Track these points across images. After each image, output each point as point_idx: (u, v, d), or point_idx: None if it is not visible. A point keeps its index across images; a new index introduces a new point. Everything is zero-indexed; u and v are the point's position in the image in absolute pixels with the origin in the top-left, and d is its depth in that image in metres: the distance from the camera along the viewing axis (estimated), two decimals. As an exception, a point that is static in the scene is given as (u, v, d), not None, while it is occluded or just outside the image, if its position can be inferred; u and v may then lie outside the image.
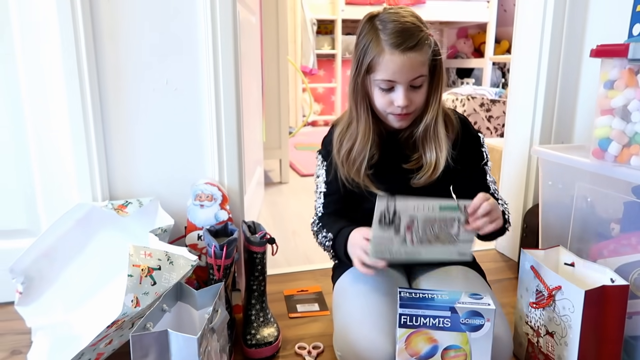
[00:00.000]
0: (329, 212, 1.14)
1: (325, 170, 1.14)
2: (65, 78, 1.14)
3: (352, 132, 1.05)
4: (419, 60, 0.95)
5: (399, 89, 0.97)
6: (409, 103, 0.98)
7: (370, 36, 0.96)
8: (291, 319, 1.25)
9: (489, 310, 0.87)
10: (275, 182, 2.73)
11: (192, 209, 1.21)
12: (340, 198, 1.13)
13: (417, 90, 0.99)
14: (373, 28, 0.97)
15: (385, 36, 0.94)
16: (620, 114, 0.94)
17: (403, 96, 0.96)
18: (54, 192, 1.25)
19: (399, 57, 0.93)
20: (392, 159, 1.08)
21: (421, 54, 0.95)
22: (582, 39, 1.45)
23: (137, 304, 0.84)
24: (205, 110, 1.23)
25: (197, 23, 1.19)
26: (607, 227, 1.10)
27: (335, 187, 1.11)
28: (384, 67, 0.95)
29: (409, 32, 0.94)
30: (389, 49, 0.94)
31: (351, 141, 1.05)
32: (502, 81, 4.83)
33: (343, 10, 4.28)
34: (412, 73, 0.96)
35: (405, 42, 0.93)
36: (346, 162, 1.06)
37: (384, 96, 0.99)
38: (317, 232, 1.14)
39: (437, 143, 1.03)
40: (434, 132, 1.03)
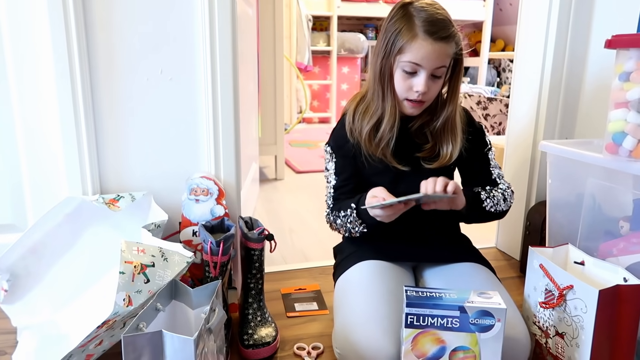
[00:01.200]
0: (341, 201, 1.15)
1: (335, 162, 1.14)
2: (55, 67, 1.09)
3: (374, 112, 1.08)
4: (446, 52, 1.00)
5: (422, 74, 1.00)
6: (427, 90, 1.01)
7: (405, 21, 1.00)
8: (289, 318, 1.21)
9: (500, 310, 0.84)
10: (270, 179, 2.68)
11: (187, 203, 1.16)
12: (350, 190, 1.13)
13: (436, 80, 1.03)
14: (407, 14, 1.01)
15: (420, 22, 0.99)
16: (636, 107, 0.90)
17: (424, 82, 1.00)
18: (42, 185, 1.20)
19: (431, 44, 0.98)
20: (405, 147, 1.10)
21: (450, 46, 1.01)
22: (588, 32, 1.42)
23: (129, 302, 0.79)
24: (201, 100, 1.18)
25: (194, 11, 1.14)
26: (616, 225, 1.07)
27: (347, 177, 1.13)
28: (415, 50, 0.99)
29: (442, 23, 0.99)
30: (423, 34, 0.98)
31: (373, 121, 1.07)
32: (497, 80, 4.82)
33: (339, 7, 4.24)
34: (438, 62, 1.00)
35: (439, 32, 0.98)
36: (370, 141, 1.08)
37: (405, 80, 1.02)
38: (334, 219, 1.12)
39: (454, 135, 1.09)
40: (452, 125, 1.09)
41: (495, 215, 1.12)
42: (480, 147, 1.14)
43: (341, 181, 1.13)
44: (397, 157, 1.09)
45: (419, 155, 1.09)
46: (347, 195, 1.12)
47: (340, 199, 1.13)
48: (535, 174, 1.52)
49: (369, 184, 1.07)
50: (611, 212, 1.09)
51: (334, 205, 1.13)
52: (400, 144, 1.09)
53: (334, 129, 1.17)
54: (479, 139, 1.15)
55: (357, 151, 1.10)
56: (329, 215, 1.14)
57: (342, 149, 1.12)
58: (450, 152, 1.08)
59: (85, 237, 1.09)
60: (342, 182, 1.13)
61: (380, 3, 4.28)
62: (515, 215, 1.59)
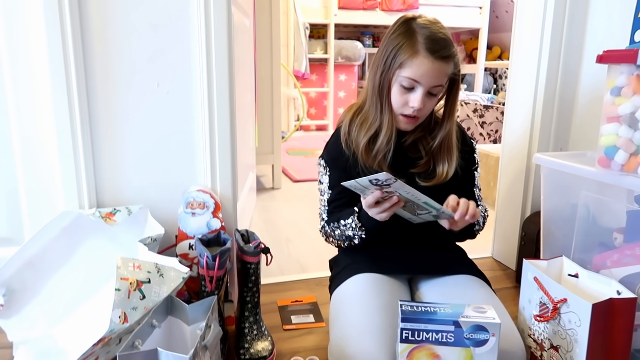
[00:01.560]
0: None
1: (329, 176, 1.14)
2: (51, 81, 1.10)
3: (371, 125, 1.09)
4: (445, 71, 1.02)
5: (419, 90, 1.02)
6: (422, 107, 1.03)
7: (407, 37, 1.01)
8: (285, 331, 1.21)
9: (494, 324, 0.84)
10: (267, 188, 2.69)
11: (183, 217, 1.16)
12: (345, 203, 1.12)
13: (432, 98, 1.04)
14: (410, 30, 1.02)
15: (423, 39, 1.00)
16: (628, 122, 0.91)
17: (420, 98, 1.02)
18: (39, 199, 1.20)
19: (431, 62, 0.99)
20: (400, 162, 1.10)
21: (449, 66, 1.02)
22: (581, 45, 1.43)
23: (124, 319, 0.79)
24: (197, 114, 1.19)
25: (190, 25, 1.15)
26: (610, 237, 1.08)
27: (341, 191, 1.11)
28: (415, 67, 1.00)
29: (444, 42, 1.01)
30: (424, 52, 0.99)
31: (372, 131, 1.08)
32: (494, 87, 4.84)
33: (336, 14, 4.26)
34: (436, 80, 1.01)
35: (440, 51, 0.99)
36: (367, 153, 1.09)
37: (402, 95, 1.03)
38: (332, 230, 1.11)
39: (450, 155, 1.10)
40: (449, 144, 1.10)
41: (472, 236, 1.15)
42: (469, 165, 1.16)
43: (335, 194, 1.13)
44: (393, 171, 1.09)
45: (413, 172, 1.09)
46: (341, 208, 1.12)
47: (335, 213, 1.13)
48: (531, 184, 1.53)
49: None
50: (605, 223, 1.10)
51: (329, 218, 1.13)
52: (395, 158, 1.09)
53: (327, 142, 1.17)
54: (470, 157, 1.16)
55: (353, 163, 1.10)
56: (325, 228, 1.14)
57: (337, 162, 1.12)
58: (447, 170, 1.09)
59: (81, 251, 1.09)
60: (336, 195, 1.13)
61: (377, 11, 4.31)
62: (510, 225, 1.60)
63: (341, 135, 1.12)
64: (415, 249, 1.12)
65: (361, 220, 1.05)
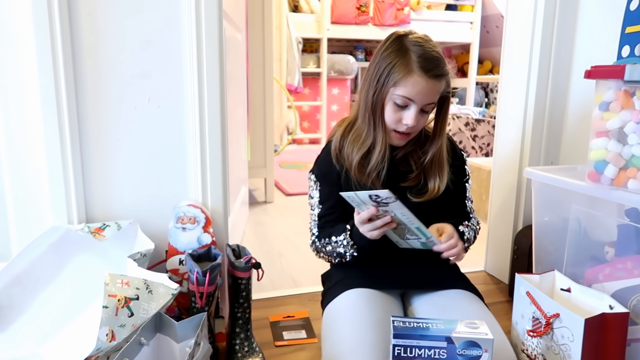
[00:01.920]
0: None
1: (319, 190, 1.14)
2: (41, 94, 1.09)
3: (365, 140, 1.08)
4: (438, 89, 1.03)
5: (412, 108, 1.02)
6: (415, 124, 1.03)
7: (400, 55, 1.01)
8: (277, 347, 1.20)
9: (487, 340, 0.83)
10: (260, 202, 2.68)
11: (173, 232, 1.15)
12: (337, 217, 1.13)
13: (424, 114, 1.05)
14: (403, 48, 1.01)
15: (416, 58, 1.00)
16: (617, 136, 0.92)
17: (414, 116, 1.02)
18: (27, 214, 1.18)
19: (426, 81, 0.99)
20: (391, 176, 1.10)
21: (441, 84, 1.03)
22: (570, 59, 1.45)
23: (112, 337, 0.78)
24: (188, 128, 1.19)
25: (181, 39, 1.15)
26: (601, 251, 1.08)
27: (331, 205, 1.13)
28: (410, 86, 1.00)
29: (437, 61, 1.01)
30: (419, 71, 0.99)
31: (364, 150, 1.08)
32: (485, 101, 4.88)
33: (328, 29, 4.30)
34: (430, 98, 1.02)
35: (434, 70, 1.00)
36: (360, 170, 1.08)
37: (396, 112, 1.03)
38: (323, 246, 1.11)
39: (441, 171, 1.10)
40: (439, 161, 1.10)
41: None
42: (460, 176, 1.16)
43: (326, 209, 1.13)
44: (383, 185, 1.09)
45: (404, 185, 1.09)
46: (332, 224, 1.12)
47: (326, 228, 1.12)
48: (522, 198, 1.53)
49: None
50: (596, 237, 1.10)
51: (320, 234, 1.13)
52: (386, 172, 1.09)
53: (318, 156, 1.17)
54: (460, 168, 1.16)
55: (345, 178, 1.10)
56: (315, 243, 1.13)
57: (327, 177, 1.12)
58: (438, 186, 1.09)
59: (70, 267, 1.07)
60: (326, 210, 1.13)
61: (370, 26, 4.35)
62: (503, 239, 1.60)
63: (332, 150, 1.12)
64: (408, 264, 1.12)
65: (353, 238, 1.05)
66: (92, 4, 1.09)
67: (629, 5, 0.98)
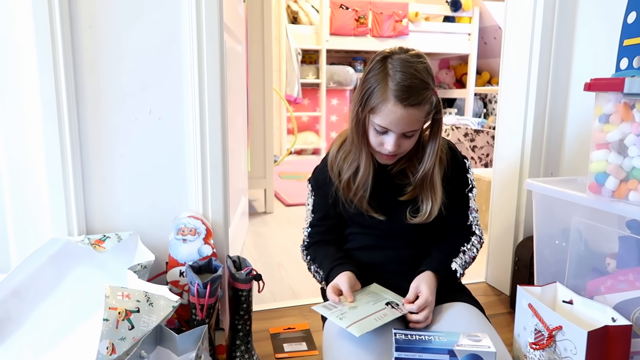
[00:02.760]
0: (315, 241, 1.18)
1: (313, 200, 1.17)
2: (42, 106, 1.09)
3: (352, 161, 1.08)
4: (417, 117, 0.98)
5: (391, 135, 1.00)
6: (396, 149, 1.01)
7: (379, 80, 0.98)
8: (278, 359, 1.19)
9: (489, 353, 0.83)
10: (259, 212, 2.67)
11: (174, 243, 1.15)
12: (325, 230, 1.16)
13: (408, 139, 1.02)
14: (384, 72, 0.99)
15: (393, 86, 0.96)
16: (617, 149, 0.92)
17: (393, 143, 1.00)
18: (27, 225, 1.18)
19: (400, 110, 0.96)
20: (387, 191, 1.10)
21: (421, 111, 0.98)
22: (569, 71, 1.46)
23: (112, 351, 0.77)
24: (189, 140, 1.19)
25: (182, 51, 1.16)
26: (602, 263, 1.08)
27: (322, 217, 1.15)
28: (384, 115, 0.98)
29: (415, 89, 0.96)
30: (394, 100, 0.96)
31: (352, 170, 1.08)
32: (484, 111, 4.90)
33: (327, 40, 4.32)
34: (408, 127, 0.99)
35: (410, 99, 0.95)
36: (347, 190, 1.09)
37: (377, 137, 1.02)
38: (307, 263, 1.18)
39: (433, 192, 1.07)
40: (431, 182, 1.07)
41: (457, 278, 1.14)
42: (461, 187, 1.13)
43: (316, 220, 1.16)
44: (376, 201, 1.09)
45: (401, 200, 1.09)
46: (321, 236, 1.16)
47: (314, 239, 1.17)
48: (523, 209, 1.53)
49: (350, 224, 1.14)
50: (598, 249, 1.10)
51: (308, 248, 1.18)
52: (381, 186, 1.09)
53: (317, 166, 1.18)
54: (461, 177, 1.13)
55: (339, 193, 1.11)
56: (304, 252, 1.19)
57: (322, 189, 1.14)
58: (430, 209, 1.07)
59: (69, 279, 1.07)
60: (317, 221, 1.16)
61: (368, 37, 4.37)
62: (504, 250, 1.60)
63: (328, 163, 1.13)
64: (408, 277, 1.11)
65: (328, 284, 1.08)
66: (93, 16, 1.10)
67: (627, 18, 0.99)
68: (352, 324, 0.93)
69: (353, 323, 0.93)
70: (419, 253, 1.10)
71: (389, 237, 1.12)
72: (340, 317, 0.95)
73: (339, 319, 0.95)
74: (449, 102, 5.03)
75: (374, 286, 1.08)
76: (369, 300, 1.02)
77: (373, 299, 1.03)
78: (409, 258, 1.10)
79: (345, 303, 1.00)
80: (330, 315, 0.96)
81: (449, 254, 1.10)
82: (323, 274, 1.11)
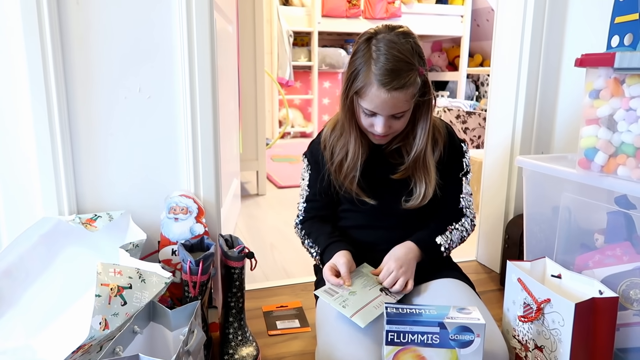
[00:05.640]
0: (311, 217, 1.17)
1: (309, 174, 1.17)
2: (30, 85, 1.07)
3: (343, 144, 1.08)
4: (402, 99, 0.97)
5: (380, 118, 1.00)
6: (387, 130, 1.01)
7: (363, 62, 0.97)
8: (271, 336, 1.20)
9: (479, 325, 0.84)
10: (252, 195, 2.67)
11: (165, 222, 1.15)
12: (321, 205, 1.16)
13: (398, 119, 1.01)
14: (368, 54, 0.97)
15: (376, 70, 0.95)
16: (606, 124, 0.93)
17: (382, 125, 1.00)
18: (17, 205, 1.17)
19: (385, 94, 0.95)
20: (380, 170, 1.10)
21: (406, 93, 0.96)
22: (560, 50, 1.46)
23: (105, 326, 0.77)
24: (180, 118, 1.18)
25: (172, 29, 1.14)
26: (591, 238, 1.09)
27: (318, 192, 1.15)
28: (369, 99, 0.97)
29: (398, 72, 0.94)
30: (377, 84, 0.95)
31: (343, 153, 1.08)
32: (476, 94, 4.90)
33: (319, 22, 4.28)
34: (394, 109, 0.98)
35: (393, 82, 0.94)
36: (339, 172, 1.09)
37: (366, 119, 1.02)
38: (301, 238, 1.17)
39: (426, 174, 1.07)
40: (424, 163, 1.07)
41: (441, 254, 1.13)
42: (456, 170, 1.13)
43: (312, 195, 1.16)
44: (368, 179, 1.09)
45: (394, 178, 1.08)
46: (317, 211, 1.16)
47: (311, 214, 1.16)
48: (513, 187, 1.54)
49: (343, 201, 1.13)
50: (586, 225, 1.11)
51: (303, 223, 1.17)
52: (373, 165, 1.10)
53: (312, 141, 1.18)
54: (456, 161, 1.13)
55: (331, 176, 1.12)
56: (298, 226, 1.18)
57: (317, 165, 1.13)
58: (425, 191, 1.07)
59: (61, 258, 1.06)
60: (313, 195, 1.16)
61: (361, 19, 4.34)
62: (494, 228, 1.61)
63: (321, 143, 1.13)
64: None
65: (323, 262, 1.09)
66: (80, -7, 1.08)
67: (618, -5, 0.99)
68: (355, 313, 0.95)
69: (356, 312, 0.95)
70: (412, 233, 1.11)
71: (381, 217, 1.12)
72: (343, 304, 0.97)
73: (342, 307, 0.96)
74: (441, 84, 5.02)
75: (364, 266, 1.09)
76: (365, 284, 1.03)
77: (369, 283, 1.04)
78: (401, 238, 1.10)
79: (344, 287, 1.01)
80: (333, 302, 0.98)
81: (434, 229, 1.11)
82: (319, 250, 1.11)
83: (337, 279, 1.01)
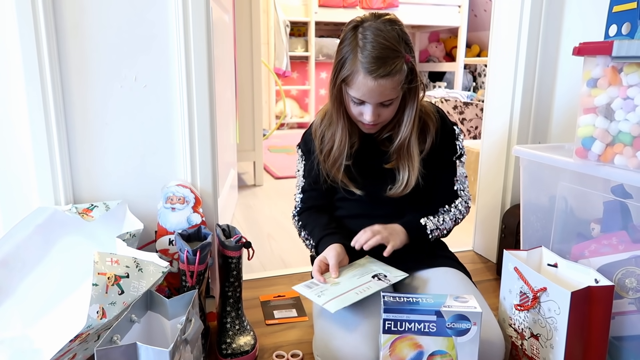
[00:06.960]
0: (308, 207, 1.18)
1: (304, 165, 1.17)
2: (24, 73, 1.07)
3: (332, 132, 1.08)
4: (389, 87, 0.97)
5: (368, 106, 1.00)
6: (376, 119, 1.01)
7: (350, 50, 0.97)
8: (268, 326, 1.21)
9: (475, 314, 0.85)
10: (249, 185, 2.67)
11: (162, 212, 1.14)
12: (318, 195, 1.16)
13: (387, 107, 1.01)
14: (354, 42, 0.97)
15: (363, 58, 0.95)
16: (604, 113, 0.92)
17: (371, 113, 1.00)
18: (12, 195, 1.16)
19: (371, 81, 0.95)
20: (372, 159, 1.10)
21: (393, 80, 0.96)
22: (558, 39, 1.45)
23: (103, 315, 0.78)
24: (176, 107, 1.17)
25: (168, 18, 1.13)
26: (587, 227, 1.09)
27: (313, 182, 1.15)
28: (357, 87, 0.97)
29: (385, 59, 0.94)
30: (364, 72, 0.95)
31: (330, 143, 1.08)
32: (474, 84, 4.90)
33: (316, 12, 4.26)
34: (382, 97, 0.98)
35: (379, 70, 0.94)
36: (327, 161, 1.09)
37: (355, 107, 1.02)
38: (298, 229, 1.18)
39: (409, 161, 1.06)
40: (407, 151, 1.06)
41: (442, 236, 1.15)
42: (449, 153, 1.13)
43: (308, 185, 1.16)
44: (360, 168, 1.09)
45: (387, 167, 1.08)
46: (314, 201, 1.16)
47: (308, 204, 1.16)
48: (510, 177, 1.54)
49: (338, 190, 1.13)
50: (582, 214, 1.12)
51: (300, 214, 1.17)
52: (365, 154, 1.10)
53: (305, 131, 1.18)
54: (449, 144, 1.13)
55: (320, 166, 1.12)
56: (295, 217, 1.18)
57: (311, 155, 1.14)
58: (407, 179, 1.06)
59: (57, 248, 1.06)
60: (309, 185, 1.16)
61: (358, 9, 4.31)
62: (491, 218, 1.62)
63: (312, 133, 1.13)
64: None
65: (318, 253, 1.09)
66: (75, -20, 1.06)
67: (617, -17, 0.98)
68: (329, 300, 0.94)
69: (331, 299, 0.94)
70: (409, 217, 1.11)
71: (375, 206, 1.12)
72: (319, 294, 0.96)
73: (317, 297, 0.96)
74: (438, 75, 5.01)
75: (365, 258, 1.09)
76: (355, 274, 1.03)
77: (360, 273, 1.04)
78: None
79: (329, 279, 1.01)
80: (309, 293, 0.98)
81: (424, 212, 1.11)
82: (313, 242, 1.11)
83: (320, 276, 1.01)
